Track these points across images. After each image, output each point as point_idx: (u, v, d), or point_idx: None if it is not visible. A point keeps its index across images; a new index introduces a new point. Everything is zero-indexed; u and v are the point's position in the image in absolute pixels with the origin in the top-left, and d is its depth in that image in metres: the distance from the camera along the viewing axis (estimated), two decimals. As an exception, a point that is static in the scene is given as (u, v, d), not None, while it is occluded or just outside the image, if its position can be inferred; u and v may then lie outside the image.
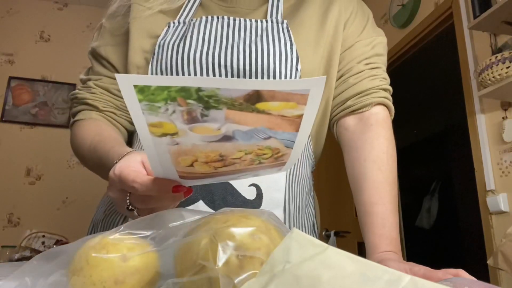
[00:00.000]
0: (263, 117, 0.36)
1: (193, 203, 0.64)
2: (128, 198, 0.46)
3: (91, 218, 0.79)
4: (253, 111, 0.35)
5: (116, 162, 0.50)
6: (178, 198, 0.46)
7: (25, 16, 3.50)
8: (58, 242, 2.75)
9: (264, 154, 0.41)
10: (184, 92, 0.32)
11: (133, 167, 0.46)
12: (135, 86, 0.31)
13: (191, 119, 0.35)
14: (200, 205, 0.64)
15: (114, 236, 0.37)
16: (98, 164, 0.63)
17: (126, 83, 0.31)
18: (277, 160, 0.43)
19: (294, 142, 0.41)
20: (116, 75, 0.31)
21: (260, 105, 0.35)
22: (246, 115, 0.35)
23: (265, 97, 0.34)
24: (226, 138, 0.38)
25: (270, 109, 0.35)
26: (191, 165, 0.41)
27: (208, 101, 0.33)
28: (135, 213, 0.47)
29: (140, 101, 0.32)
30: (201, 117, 0.35)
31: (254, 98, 0.34)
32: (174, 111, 0.34)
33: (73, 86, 3.43)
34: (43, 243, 2.70)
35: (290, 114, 0.36)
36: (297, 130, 0.39)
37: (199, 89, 0.32)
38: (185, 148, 0.38)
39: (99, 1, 3.44)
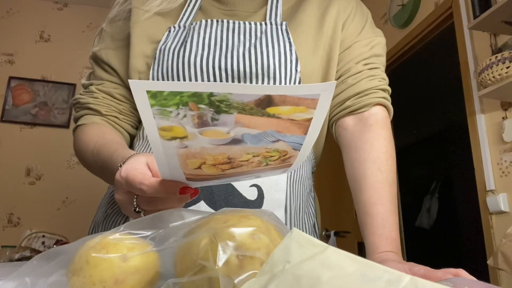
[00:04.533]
0: (272, 121, 0.36)
1: (194, 203, 0.64)
2: (135, 200, 0.47)
3: (91, 218, 0.79)
4: (263, 115, 0.36)
5: (121, 165, 0.50)
6: (184, 199, 0.46)
7: (25, 16, 3.50)
8: (58, 242, 2.75)
9: (272, 156, 0.42)
10: (196, 97, 0.33)
11: (139, 169, 0.47)
12: (148, 92, 0.32)
13: (202, 123, 0.35)
14: (202, 206, 0.64)
15: (114, 236, 0.37)
16: (102, 167, 0.63)
17: (139, 88, 0.32)
18: (284, 162, 0.44)
19: (301, 144, 0.41)
20: (130, 81, 0.32)
21: (271, 110, 0.35)
22: (256, 119, 0.36)
23: (276, 102, 0.34)
24: (235, 141, 0.38)
25: (280, 113, 0.36)
26: (199, 167, 0.41)
27: (219, 105, 0.34)
28: (142, 215, 0.47)
29: (152, 106, 0.33)
30: (211, 121, 0.35)
31: (265, 103, 0.34)
32: (185, 115, 0.34)
33: (73, 86, 3.44)
34: (43, 243, 2.70)
35: (299, 118, 0.37)
36: (305, 133, 0.39)
37: (211, 94, 0.33)
38: (194, 151, 0.38)
39: (99, 1, 3.45)
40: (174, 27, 0.73)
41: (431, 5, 2.39)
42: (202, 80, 0.69)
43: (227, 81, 0.69)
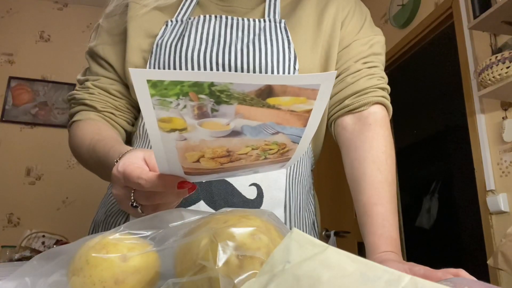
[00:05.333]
0: (272, 112, 0.36)
1: (194, 203, 0.64)
2: (132, 195, 0.46)
3: (91, 218, 0.79)
4: (263, 106, 0.35)
5: (117, 161, 0.50)
6: (182, 194, 0.46)
7: (25, 16, 3.50)
8: (58, 242, 2.75)
9: (271, 149, 0.42)
10: (197, 87, 0.32)
11: (137, 163, 0.47)
12: (148, 81, 0.31)
13: (201, 114, 0.35)
14: (201, 205, 0.64)
15: (114, 236, 0.37)
16: (98, 163, 0.63)
17: (139, 77, 0.31)
18: (282, 155, 0.44)
19: (300, 137, 0.41)
20: (130, 70, 0.31)
21: (271, 100, 0.35)
22: (256, 110, 0.36)
23: (277, 92, 0.34)
24: (235, 133, 0.38)
25: (280, 104, 0.36)
26: (197, 160, 0.41)
27: (219, 96, 0.33)
28: (139, 210, 0.47)
29: (152, 96, 0.32)
30: (211, 112, 0.35)
31: (265, 93, 0.34)
32: (185, 106, 0.34)
33: (73, 86, 3.43)
34: (43, 243, 2.69)
35: (299, 109, 0.37)
36: (305, 125, 0.39)
37: (212, 84, 0.32)
38: (193, 144, 0.38)
39: (99, 1, 3.44)
40: (172, 21, 0.73)
41: (431, 5, 2.39)
42: None
43: None
